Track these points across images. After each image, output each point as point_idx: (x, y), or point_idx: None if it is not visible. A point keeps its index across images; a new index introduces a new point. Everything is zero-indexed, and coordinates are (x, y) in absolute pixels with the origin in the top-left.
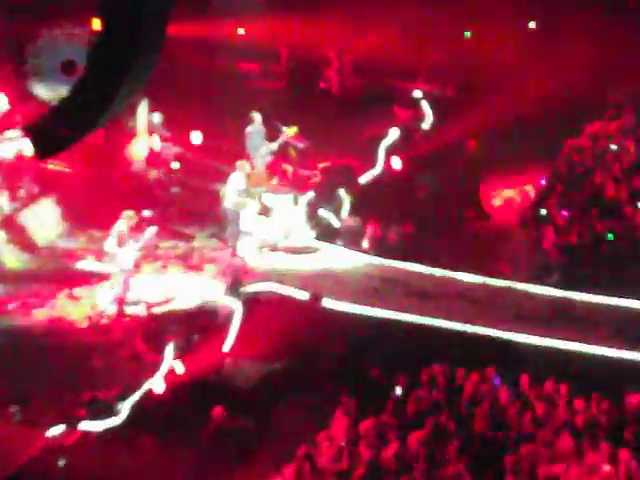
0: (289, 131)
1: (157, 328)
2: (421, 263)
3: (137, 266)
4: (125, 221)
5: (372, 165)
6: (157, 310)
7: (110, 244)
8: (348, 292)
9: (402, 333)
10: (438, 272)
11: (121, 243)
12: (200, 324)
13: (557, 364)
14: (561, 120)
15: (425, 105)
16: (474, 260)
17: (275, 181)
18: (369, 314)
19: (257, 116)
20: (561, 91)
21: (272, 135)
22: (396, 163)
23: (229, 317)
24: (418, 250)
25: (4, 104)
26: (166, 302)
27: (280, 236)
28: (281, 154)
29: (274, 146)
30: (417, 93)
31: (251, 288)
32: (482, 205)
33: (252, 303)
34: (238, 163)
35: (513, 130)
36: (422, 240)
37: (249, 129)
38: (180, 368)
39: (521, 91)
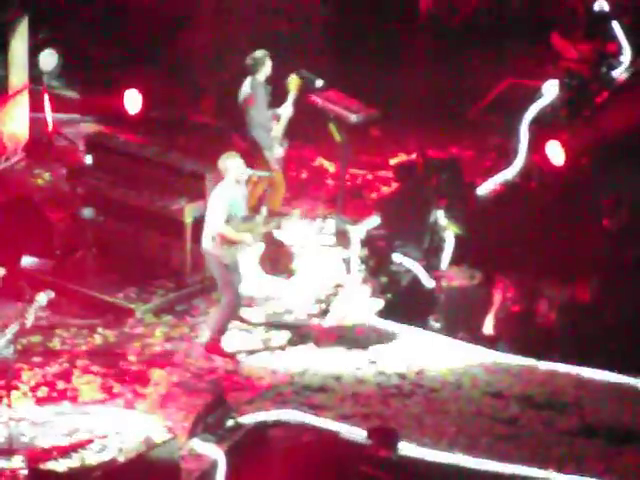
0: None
1: None
2: (617, 371)
3: (9, 374)
4: None
5: (504, 158)
6: (50, 467)
7: None
8: (452, 428)
9: None
10: None
11: None
12: None
13: None
14: None
15: (619, 30)
16: None
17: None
18: (499, 475)
19: (264, 59)
20: None
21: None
22: (556, 153)
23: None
24: (606, 341)
25: None
26: (68, 451)
27: (307, 308)
28: (312, 136)
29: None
30: (602, 3)
31: (250, 417)
32: None
33: (251, 449)
34: (224, 158)
35: None
36: (616, 321)
37: (246, 87)
38: None
39: None
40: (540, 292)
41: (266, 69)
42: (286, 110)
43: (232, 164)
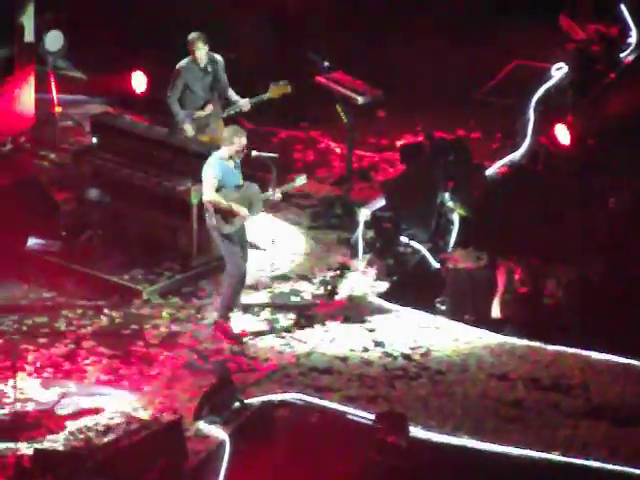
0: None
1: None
2: (624, 353)
3: (15, 355)
4: None
5: (511, 140)
6: (54, 449)
7: None
8: (458, 411)
9: None
10: None
11: None
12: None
13: None
14: None
15: (626, 12)
16: None
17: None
18: (505, 457)
19: (198, 43)
20: None
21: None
22: (563, 135)
23: (207, 463)
24: (612, 323)
25: None
26: (74, 433)
27: (314, 290)
28: (319, 117)
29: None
30: None
31: (256, 398)
32: None
33: (257, 431)
34: (233, 131)
35: None
36: (623, 303)
37: (183, 63)
38: None
39: None
40: (547, 274)
41: (195, 49)
42: (242, 104)
43: (238, 141)
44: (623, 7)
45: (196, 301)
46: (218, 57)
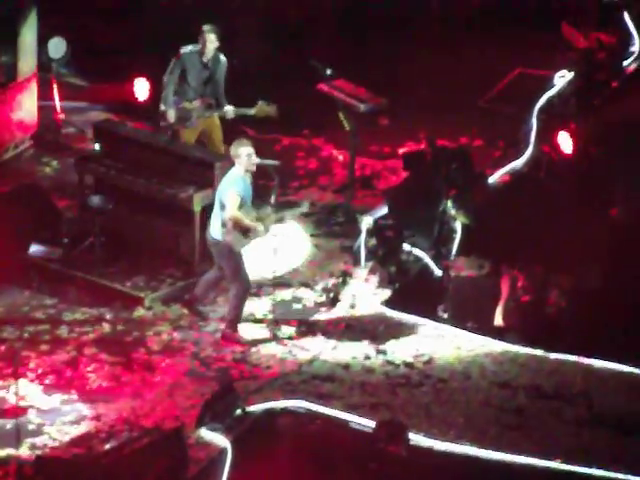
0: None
1: None
2: (626, 361)
3: (17, 362)
4: None
5: (514, 148)
6: (56, 455)
7: None
8: (461, 419)
9: None
10: None
11: None
12: None
13: None
14: None
15: (629, 20)
16: None
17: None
18: (507, 465)
19: (211, 35)
20: None
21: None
22: (566, 143)
23: (208, 470)
24: (614, 331)
25: None
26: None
27: (316, 297)
28: (322, 125)
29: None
30: None
31: (258, 406)
32: None
33: (259, 438)
34: (236, 145)
35: None
36: (625, 311)
37: (186, 49)
38: None
39: None
40: (549, 282)
41: (206, 40)
42: (226, 111)
43: (244, 151)
44: (626, 16)
45: (198, 308)
46: (222, 58)
